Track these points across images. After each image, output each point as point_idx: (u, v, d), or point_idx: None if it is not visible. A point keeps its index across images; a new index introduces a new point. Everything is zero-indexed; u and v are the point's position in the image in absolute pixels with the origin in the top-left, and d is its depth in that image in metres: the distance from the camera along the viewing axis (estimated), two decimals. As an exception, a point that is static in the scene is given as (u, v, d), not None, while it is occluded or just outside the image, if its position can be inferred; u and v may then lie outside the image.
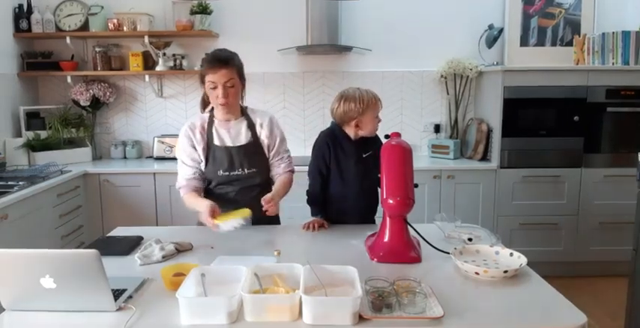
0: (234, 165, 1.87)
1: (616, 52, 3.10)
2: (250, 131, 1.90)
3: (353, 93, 1.90)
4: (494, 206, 3.16)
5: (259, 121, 1.92)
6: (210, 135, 1.88)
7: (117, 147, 3.51)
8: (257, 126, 1.91)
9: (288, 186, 1.92)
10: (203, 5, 3.26)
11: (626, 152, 3.01)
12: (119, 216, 3.05)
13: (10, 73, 3.27)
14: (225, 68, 1.75)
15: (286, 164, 1.96)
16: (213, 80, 1.76)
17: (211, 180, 1.92)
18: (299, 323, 1.13)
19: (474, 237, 1.70)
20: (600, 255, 3.19)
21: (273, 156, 1.94)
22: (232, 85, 1.78)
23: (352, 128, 1.91)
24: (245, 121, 1.91)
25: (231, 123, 1.89)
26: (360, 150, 1.94)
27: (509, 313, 1.21)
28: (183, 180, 1.88)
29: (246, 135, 1.89)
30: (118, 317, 1.17)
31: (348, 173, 1.94)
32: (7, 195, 2.36)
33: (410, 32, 3.49)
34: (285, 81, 3.55)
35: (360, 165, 1.94)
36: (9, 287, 1.19)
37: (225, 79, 1.76)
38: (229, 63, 1.78)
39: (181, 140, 1.90)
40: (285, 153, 1.98)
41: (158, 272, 1.37)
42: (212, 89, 1.78)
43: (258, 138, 1.91)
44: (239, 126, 1.90)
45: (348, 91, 1.91)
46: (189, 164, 1.88)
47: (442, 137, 3.58)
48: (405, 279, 1.27)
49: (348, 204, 1.96)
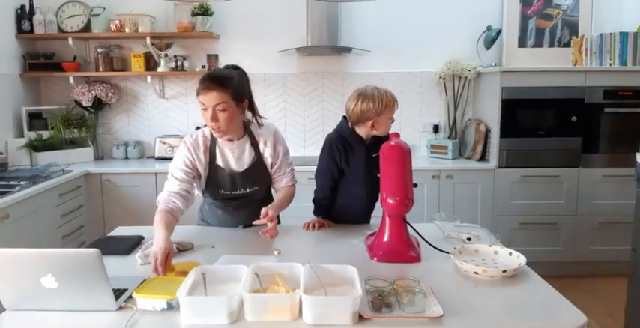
0: (236, 186, 1.82)
1: (613, 53, 3.11)
2: (254, 150, 1.82)
3: (372, 92, 1.81)
4: (493, 206, 3.17)
5: (262, 139, 1.83)
6: (214, 155, 1.79)
7: (118, 147, 3.52)
8: (260, 144, 1.83)
9: (288, 200, 1.87)
10: (204, 7, 3.27)
11: (624, 152, 3.02)
12: (120, 215, 3.06)
13: (13, 73, 3.28)
14: (216, 90, 1.62)
15: (289, 178, 1.90)
16: (203, 102, 1.64)
17: (211, 196, 1.88)
18: (299, 322, 1.14)
19: (473, 236, 1.71)
20: (599, 255, 3.20)
21: (276, 171, 1.88)
22: (224, 109, 1.64)
23: (367, 128, 1.83)
24: (248, 140, 1.82)
25: (234, 143, 1.80)
26: (371, 150, 1.86)
27: (508, 313, 1.21)
28: (166, 192, 1.72)
29: (249, 155, 1.82)
30: (119, 316, 1.18)
31: (357, 175, 1.90)
32: (9, 194, 2.37)
33: (409, 33, 3.50)
34: (285, 82, 3.56)
35: (369, 166, 1.87)
36: (10, 287, 1.19)
37: (214, 102, 1.62)
38: (223, 85, 1.63)
39: (181, 155, 1.77)
40: (287, 168, 1.90)
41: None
42: (203, 110, 1.66)
43: (262, 156, 1.84)
44: (243, 146, 1.81)
45: (366, 90, 1.82)
46: (179, 178, 1.74)
47: (441, 137, 3.59)
48: (404, 279, 1.28)
49: (355, 205, 1.96)
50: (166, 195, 1.71)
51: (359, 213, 1.98)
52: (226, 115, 1.65)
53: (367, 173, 1.88)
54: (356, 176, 1.90)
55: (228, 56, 3.51)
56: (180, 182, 1.74)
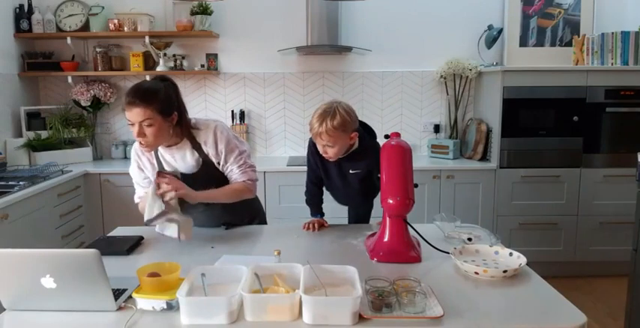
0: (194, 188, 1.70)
1: (615, 53, 3.10)
2: (197, 152, 1.76)
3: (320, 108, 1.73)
4: (494, 206, 3.17)
5: (203, 140, 1.75)
6: (159, 162, 1.79)
7: (117, 147, 3.52)
8: (202, 145, 1.76)
9: (229, 193, 1.76)
10: (203, 6, 3.26)
11: (626, 152, 3.02)
12: (119, 216, 3.04)
13: (11, 73, 3.28)
14: (140, 106, 1.57)
15: (237, 175, 1.79)
16: (129, 118, 1.60)
17: None
18: (299, 322, 1.14)
19: (473, 236, 1.71)
20: (600, 255, 3.19)
21: (224, 169, 1.80)
22: (150, 125, 1.59)
23: None
24: (188, 143, 1.75)
25: (172, 148, 1.75)
26: (347, 166, 1.82)
27: (508, 313, 1.21)
28: (137, 198, 1.87)
29: (192, 158, 1.76)
30: (119, 316, 1.17)
31: (335, 183, 1.91)
32: (7, 195, 2.36)
33: (410, 33, 3.50)
34: (285, 81, 3.55)
35: (345, 180, 1.86)
36: (9, 287, 1.19)
37: (140, 119, 1.57)
38: (147, 100, 1.57)
39: (132, 162, 1.84)
40: (235, 164, 1.79)
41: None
42: (130, 125, 1.61)
43: (207, 157, 1.77)
44: (182, 151, 1.76)
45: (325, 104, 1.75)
46: (141, 184, 1.85)
47: (442, 137, 3.58)
48: (404, 279, 1.27)
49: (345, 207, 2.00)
50: (137, 200, 1.87)
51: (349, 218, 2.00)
52: (153, 130, 1.60)
53: (345, 186, 1.88)
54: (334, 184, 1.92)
55: (227, 55, 3.50)
56: (144, 187, 1.84)
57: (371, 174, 1.81)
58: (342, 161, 1.81)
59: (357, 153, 1.81)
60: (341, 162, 1.81)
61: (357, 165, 1.81)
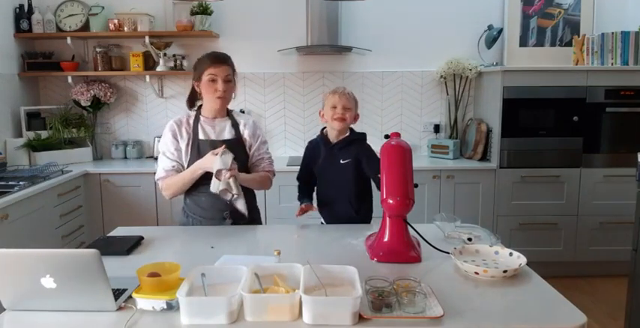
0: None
1: (615, 53, 3.10)
2: (234, 129, 1.99)
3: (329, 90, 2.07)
4: (494, 206, 3.17)
5: (243, 122, 2.02)
6: (196, 130, 1.96)
7: (117, 147, 3.52)
8: (240, 125, 2.01)
9: (259, 180, 1.97)
10: (203, 6, 3.26)
11: (626, 152, 3.02)
12: (119, 215, 3.05)
13: (11, 73, 3.28)
14: (225, 64, 1.92)
15: (266, 164, 2.02)
16: (215, 73, 1.88)
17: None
18: (299, 322, 1.13)
19: (473, 236, 1.71)
20: (600, 255, 3.19)
21: (254, 155, 2.01)
22: (229, 80, 1.92)
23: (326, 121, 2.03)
24: (229, 120, 2.01)
25: (216, 120, 1.99)
26: (338, 155, 1.99)
27: (508, 313, 1.21)
28: (163, 171, 1.94)
29: (229, 132, 1.98)
30: (119, 316, 1.17)
31: (328, 176, 2.04)
32: (7, 195, 2.36)
33: (410, 33, 3.50)
34: (285, 81, 3.55)
35: (338, 171, 2.00)
36: (9, 287, 1.19)
37: (225, 73, 1.90)
38: (228, 61, 1.94)
39: (165, 134, 1.98)
40: (266, 154, 2.04)
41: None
42: (211, 82, 1.89)
43: (242, 136, 2.00)
44: (223, 124, 1.99)
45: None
46: (170, 157, 1.94)
47: (442, 137, 3.58)
48: (404, 279, 1.27)
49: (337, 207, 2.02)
50: (163, 172, 1.93)
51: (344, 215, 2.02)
52: (230, 86, 1.93)
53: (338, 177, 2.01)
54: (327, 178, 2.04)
55: (227, 55, 3.50)
56: (172, 159, 1.94)
57: (360, 163, 1.97)
58: (335, 150, 2.00)
59: (347, 143, 2.00)
60: (333, 152, 2.00)
61: (347, 155, 1.99)
